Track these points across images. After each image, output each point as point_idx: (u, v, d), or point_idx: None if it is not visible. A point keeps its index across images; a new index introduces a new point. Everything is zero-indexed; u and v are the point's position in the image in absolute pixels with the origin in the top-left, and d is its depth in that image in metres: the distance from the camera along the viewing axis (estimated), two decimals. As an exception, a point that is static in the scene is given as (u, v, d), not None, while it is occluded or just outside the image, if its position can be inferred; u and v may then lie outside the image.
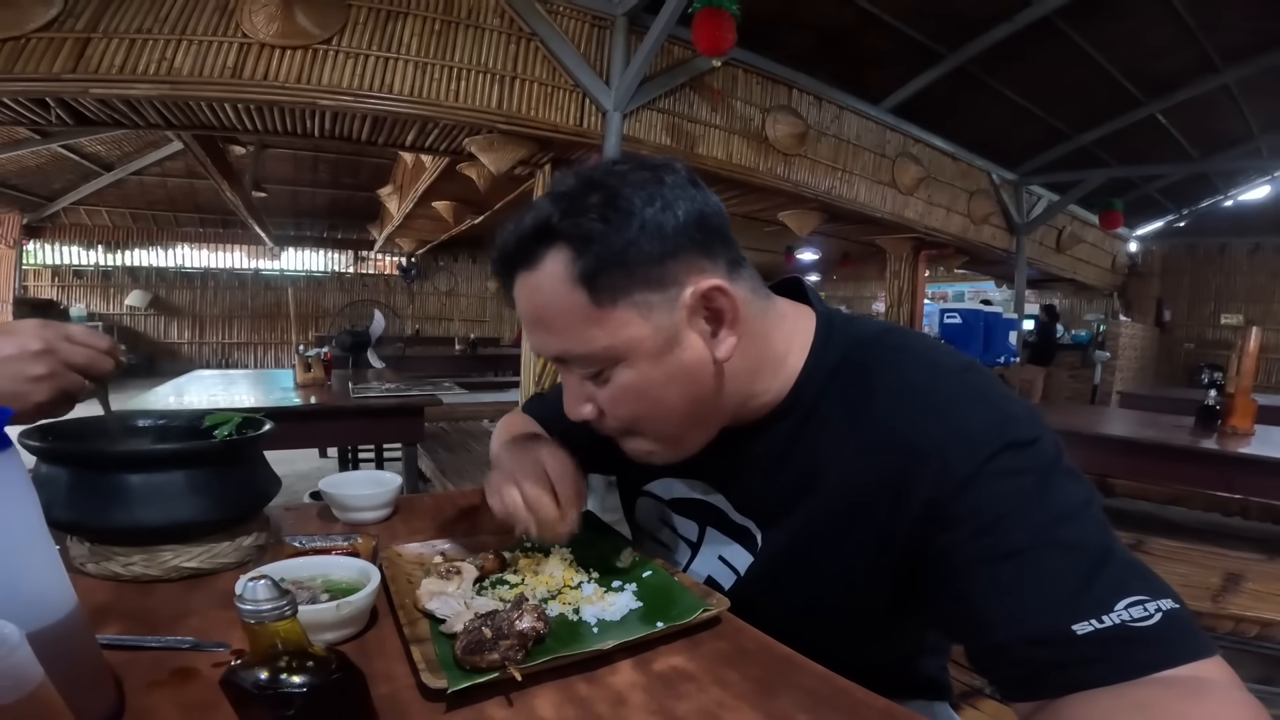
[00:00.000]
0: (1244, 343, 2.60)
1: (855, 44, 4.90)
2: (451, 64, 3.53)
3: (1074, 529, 0.53)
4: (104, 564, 0.73)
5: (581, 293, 0.60)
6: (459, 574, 0.71)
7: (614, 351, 0.62)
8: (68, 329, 0.73)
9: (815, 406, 0.69)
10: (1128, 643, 0.48)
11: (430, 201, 7.24)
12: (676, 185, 0.62)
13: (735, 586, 0.76)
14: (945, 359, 0.65)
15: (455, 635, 0.58)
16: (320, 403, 2.80)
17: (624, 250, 0.59)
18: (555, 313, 0.62)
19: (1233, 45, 5.26)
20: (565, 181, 0.64)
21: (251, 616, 0.43)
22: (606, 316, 0.61)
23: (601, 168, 0.64)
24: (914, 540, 0.59)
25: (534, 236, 0.62)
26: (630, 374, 0.63)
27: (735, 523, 0.76)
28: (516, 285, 0.65)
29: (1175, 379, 10.29)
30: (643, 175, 0.62)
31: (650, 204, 0.60)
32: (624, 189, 0.60)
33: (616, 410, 0.67)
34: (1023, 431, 0.58)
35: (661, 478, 0.86)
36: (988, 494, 0.55)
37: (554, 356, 0.66)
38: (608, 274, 0.60)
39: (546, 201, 0.62)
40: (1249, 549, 2.11)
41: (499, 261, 0.67)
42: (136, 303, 11.05)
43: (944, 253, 7.48)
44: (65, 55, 2.92)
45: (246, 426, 0.85)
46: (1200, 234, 10.64)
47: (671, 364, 0.63)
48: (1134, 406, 4.37)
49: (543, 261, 0.62)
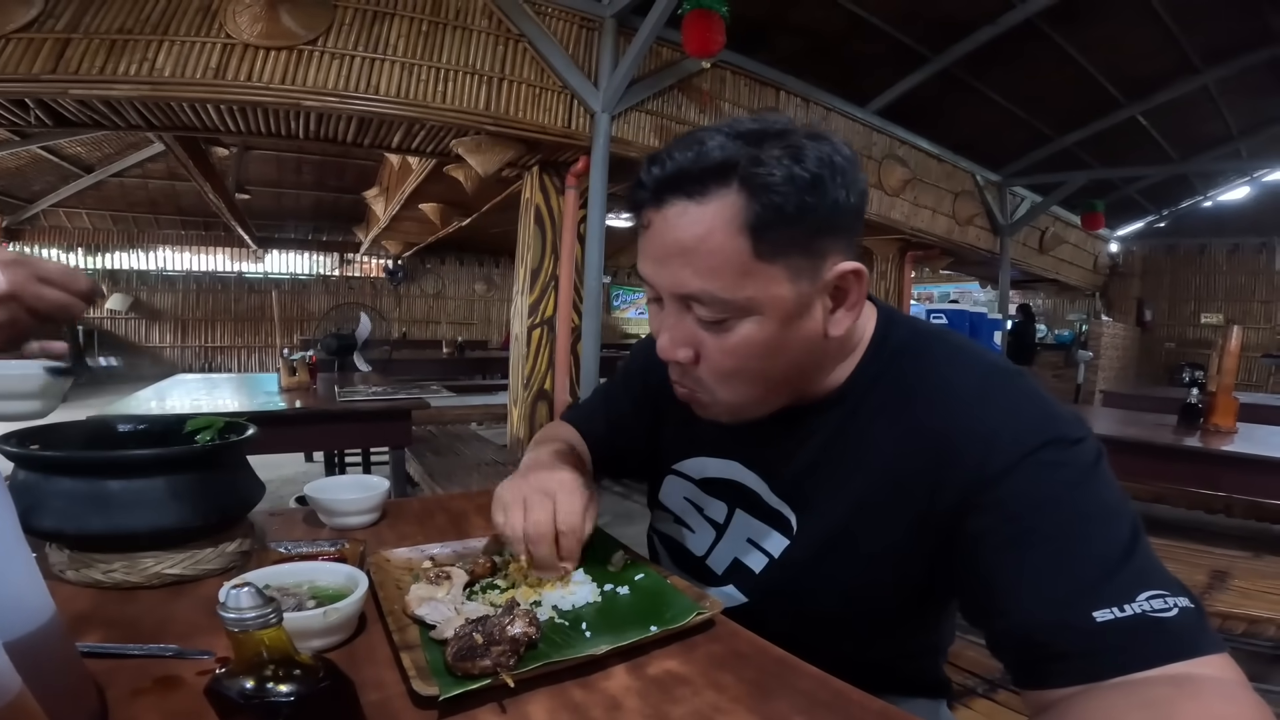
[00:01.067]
0: (1225, 341, 2.63)
1: (843, 47, 4.93)
2: (439, 65, 3.51)
3: (1106, 526, 0.54)
4: (84, 571, 0.71)
5: (746, 241, 0.59)
6: (449, 579, 0.70)
7: (754, 304, 0.61)
8: (41, 267, 0.61)
9: (867, 395, 0.70)
10: (1146, 632, 0.49)
11: (417, 204, 7.20)
12: (852, 164, 0.62)
13: (767, 570, 0.75)
14: (1000, 361, 0.68)
15: (445, 641, 0.57)
16: (306, 407, 2.77)
17: (799, 212, 0.58)
18: (709, 251, 0.60)
19: (1212, 47, 5.35)
20: (746, 124, 0.62)
21: (235, 625, 0.42)
22: (761, 270, 0.60)
23: (784, 124, 0.62)
24: (950, 524, 0.61)
25: (716, 171, 0.59)
26: (756, 329, 0.62)
27: (769, 506, 0.76)
28: (667, 210, 0.61)
29: (1156, 378, 10.44)
30: (825, 145, 0.60)
31: (832, 175, 0.59)
32: (810, 151, 0.59)
33: (723, 361, 0.65)
34: (1069, 431, 0.59)
35: (694, 457, 0.86)
36: (1026, 483, 0.57)
37: (684, 293, 0.63)
38: (777, 230, 0.59)
39: (733, 140, 0.60)
40: (1234, 546, 2.13)
41: (662, 180, 0.61)
42: (117, 306, 10.90)
43: (929, 254, 7.54)
44: (45, 56, 2.87)
45: (229, 431, 0.83)
46: (1180, 234, 10.81)
47: (794, 330, 0.63)
48: (1117, 405, 4.41)
49: (713, 198, 0.59)
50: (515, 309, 4.43)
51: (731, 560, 0.79)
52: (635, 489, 4.74)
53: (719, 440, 0.83)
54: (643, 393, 0.94)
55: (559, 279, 4.27)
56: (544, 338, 4.30)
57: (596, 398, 1.06)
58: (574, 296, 4.28)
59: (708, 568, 0.82)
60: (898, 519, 0.65)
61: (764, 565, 0.76)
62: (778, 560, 0.75)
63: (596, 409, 1.03)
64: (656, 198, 0.62)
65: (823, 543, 0.71)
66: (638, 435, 0.95)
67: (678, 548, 0.88)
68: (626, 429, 0.97)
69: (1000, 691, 1.17)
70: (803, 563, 0.73)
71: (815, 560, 0.72)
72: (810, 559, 0.72)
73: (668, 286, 0.64)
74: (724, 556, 0.80)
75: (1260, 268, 10.42)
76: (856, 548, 0.69)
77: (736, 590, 0.78)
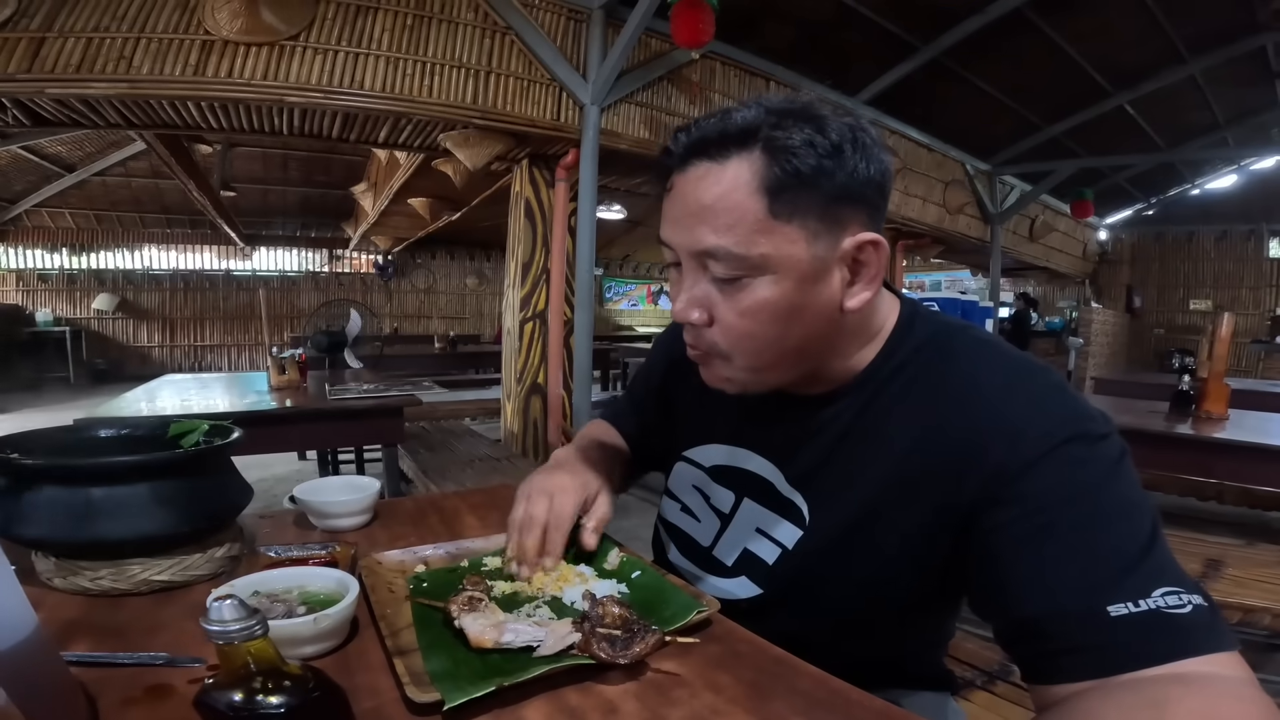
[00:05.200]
0: (1216, 328, 2.63)
1: (832, 37, 4.92)
2: (425, 59, 3.47)
3: (1125, 523, 0.54)
4: (71, 579, 0.70)
5: (761, 200, 0.60)
6: (482, 600, 0.65)
7: (769, 261, 0.62)
8: None
9: (888, 385, 0.70)
10: (1159, 628, 0.49)
11: (406, 199, 7.15)
12: (875, 141, 0.63)
13: (781, 560, 0.74)
14: (1026, 357, 0.68)
15: (566, 651, 0.58)
16: (296, 405, 2.74)
17: (816, 175, 0.60)
18: (726, 208, 0.61)
19: (1199, 36, 5.36)
20: (775, 99, 0.64)
21: (219, 638, 0.41)
22: (776, 229, 0.61)
23: (810, 100, 0.64)
24: (970, 516, 0.60)
25: (737, 136, 0.61)
26: (770, 289, 0.63)
27: (782, 495, 0.75)
28: (690, 172, 0.64)
29: (1146, 364, 10.51)
30: (848, 121, 0.63)
31: (853, 146, 0.61)
32: (833, 123, 0.61)
33: (737, 322, 0.65)
34: (1094, 427, 0.59)
35: (706, 444, 0.86)
36: (1049, 478, 0.57)
37: (701, 251, 0.63)
38: (793, 191, 0.60)
39: (758, 110, 0.62)
40: (1227, 534, 2.14)
41: (688, 145, 0.64)
42: (104, 306, 10.76)
43: (921, 243, 7.56)
44: (20, 55, 2.83)
45: (213, 434, 0.82)
46: (1169, 222, 10.89)
47: (809, 294, 0.64)
48: (1108, 392, 4.43)
49: (733, 159, 0.61)
50: (507, 303, 4.41)
51: (741, 551, 0.78)
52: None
53: (732, 428, 0.82)
54: (661, 382, 0.96)
55: (550, 272, 4.25)
56: (536, 331, 4.29)
57: (626, 393, 1.09)
58: (566, 289, 4.26)
59: (715, 558, 0.81)
60: (917, 511, 0.65)
61: (777, 556, 0.75)
62: (791, 551, 0.73)
63: (625, 404, 1.05)
64: (682, 162, 0.65)
65: (838, 533, 0.70)
66: (662, 426, 0.96)
67: (684, 537, 0.87)
68: (650, 422, 0.99)
69: (999, 684, 1.17)
70: (818, 553, 0.72)
71: (831, 551, 0.71)
72: (826, 549, 0.71)
73: (685, 245, 0.65)
74: (732, 547, 0.79)
75: (1248, 254, 10.51)
76: (873, 539, 0.68)
77: (749, 582, 0.77)
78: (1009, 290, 11.88)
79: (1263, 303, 10.35)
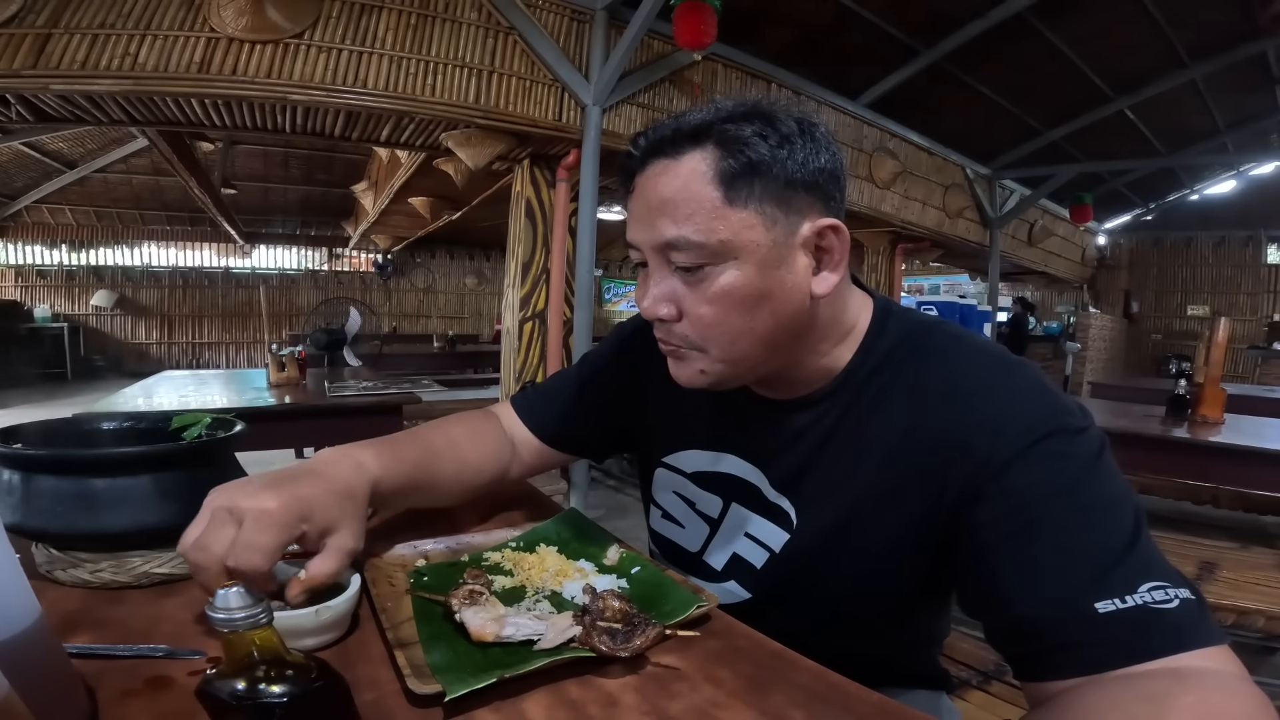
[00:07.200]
0: (1213, 333, 2.64)
1: (834, 40, 4.92)
2: (428, 58, 3.48)
3: (1108, 517, 0.55)
4: (71, 571, 0.70)
5: (717, 189, 0.63)
6: (482, 593, 0.65)
7: (729, 247, 0.63)
8: None
9: (866, 387, 0.70)
10: (1147, 624, 0.49)
11: (406, 197, 7.15)
12: (825, 136, 0.66)
13: (769, 564, 0.75)
14: (1003, 352, 0.68)
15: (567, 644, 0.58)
16: (295, 402, 2.75)
17: (769, 163, 0.62)
18: (683, 199, 0.63)
19: (1200, 41, 5.37)
20: (727, 101, 0.67)
21: (225, 625, 0.41)
22: (733, 215, 0.63)
23: (760, 100, 0.67)
24: (954, 515, 0.61)
25: (691, 134, 0.64)
26: (734, 276, 0.64)
27: (768, 500, 0.76)
28: (649, 171, 0.66)
29: (1143, 369, 10.52)
30: (797, 115, 0.66)
31: (803, 137, 0.64)
32: (781, 115, 0.64)
33: (704, 312, 0.66)
34: (1073, 420, 0.60)
35: (684, 450, 0.85)
36: (1030, 474, 0.57)
37: (663, 244, 0.65)
38: (746, 179, 0.62)
39: (711, 110, 0.65)
40: (1221, 537, 2.15)
41: (646, 147, 0.67)
42: (102, 303, 10.76)
43: (920, 246, 7.56)
44: (25, 51, 2.83)
45: (216, 427, 0.82)
46: (1167, 227, 10.90)
47: (773, 279, 0.64)
48: (1105, 396, 4.44)
49: (688, 154, 0.64)
50: (506, 302, 4.41)
51: (730, 556, 0.78)
52: (628, 481, 4.74)
53: (711, 432, 0.82)
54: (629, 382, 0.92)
55: (550, 272, 4.25)
56: (536, 331, 4.29)
57: (551, 383, 1.04)
58: (565, 290, 4.26)
59: (705, 564, 0.82)
60: (903, 512, 0.65)
61: (765, 560, 0.75)
62: (779, 555, 0.74)
63: (541, 396, 1.01)
64: (642, 163, 0.67)
65: (825, 536, 0.71)
66: (615, 425, 0.95)
67: (670, 545, 0.87)
68: (593, 407, 0.96)
69: (994, 683, 1.17)
70: (806, 556, 0.72)
71: (818, 554, 0.71)
72: (813, 552, 0.72)
73: (648, 240, 0.67)
74: (721, 552, 0.79)
75: (1246, 260, 10.53)
76: (860, 541, 0.69)
77: (739, 586, 0.78)
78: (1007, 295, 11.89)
79: (1260, 309, 10.37)
